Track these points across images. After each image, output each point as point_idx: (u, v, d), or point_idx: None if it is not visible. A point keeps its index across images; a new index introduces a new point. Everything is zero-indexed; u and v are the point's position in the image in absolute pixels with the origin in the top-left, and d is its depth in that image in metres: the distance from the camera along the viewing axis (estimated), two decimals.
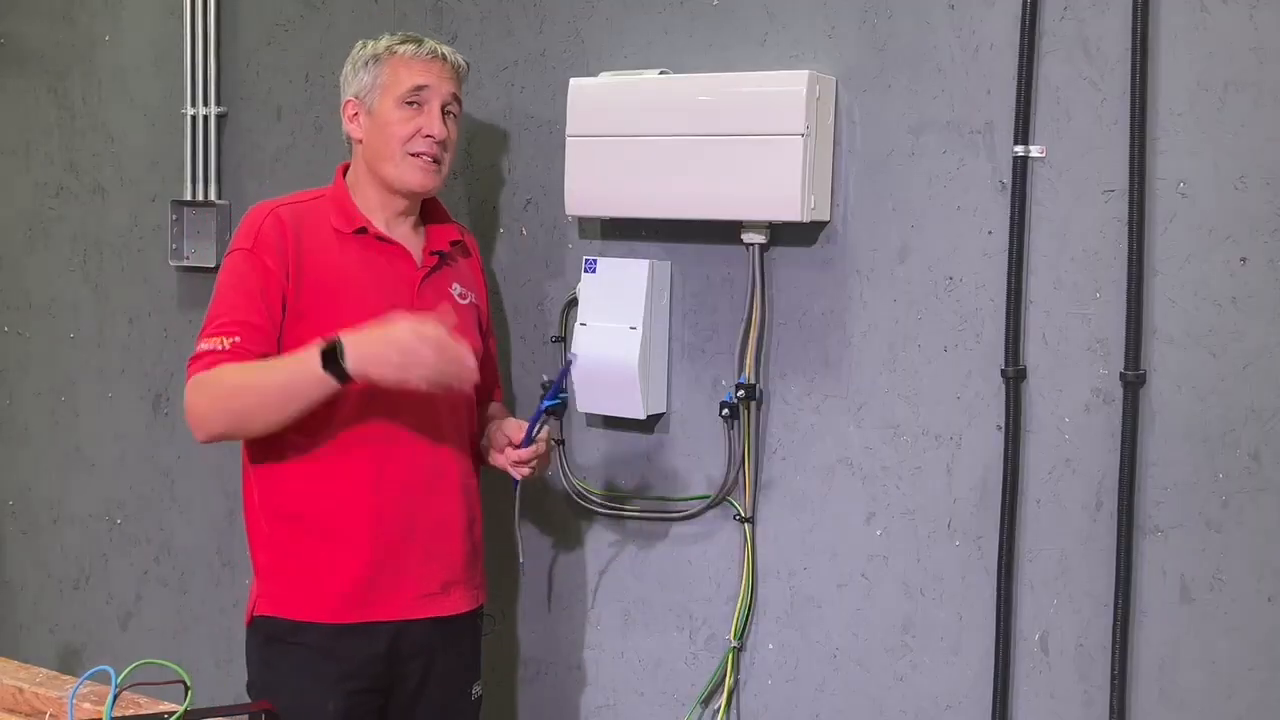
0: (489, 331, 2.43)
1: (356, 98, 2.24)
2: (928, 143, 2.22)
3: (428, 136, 2.20)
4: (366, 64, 2.23)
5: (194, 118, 3.03)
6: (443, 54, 2.24)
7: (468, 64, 2.33)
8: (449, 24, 2.68)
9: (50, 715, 1.78)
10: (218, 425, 2.11)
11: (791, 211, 2.22)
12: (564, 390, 2.27)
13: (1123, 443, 2.07)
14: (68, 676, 1.89)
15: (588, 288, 2.46)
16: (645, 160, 2.33)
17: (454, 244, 2.33)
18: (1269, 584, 2.00)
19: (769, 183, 2.22)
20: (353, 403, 2.11)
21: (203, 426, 2.11)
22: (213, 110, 3.02)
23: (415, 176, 2.21)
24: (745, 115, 2.25)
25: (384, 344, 2.00)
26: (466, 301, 2.31)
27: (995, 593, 2.18)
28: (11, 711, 1.83)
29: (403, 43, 2.23)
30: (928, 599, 2.26)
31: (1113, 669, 2.09)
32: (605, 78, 2.43)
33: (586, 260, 2.48)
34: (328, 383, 2.01)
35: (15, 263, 3.45)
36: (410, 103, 2.20)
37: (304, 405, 2.06)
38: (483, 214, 2.67)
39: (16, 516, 3.51)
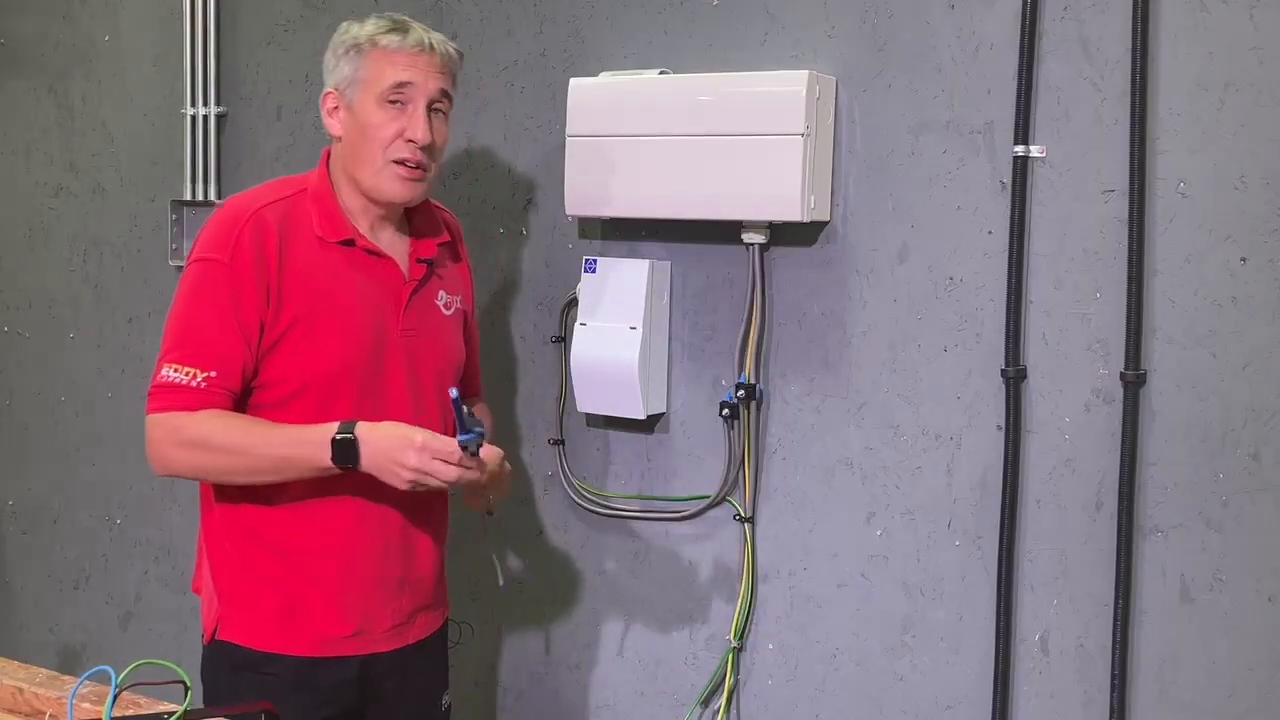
0: (472, 331, 2.29)
1: (336, 90, 2.02)
2: (928, 143, 2.22)
3: (410, 141, 1.99)
4: (348, 52, 2.01)
5: (194, 118, 3.03)
6: (430, 44, 2.01)
7: (460, 53, 2.09)
8: (449, 24, 2.68)
9: (50, 715, 1.77)
10: (184, 471, 2.00)
11: (792, 211, 2.22)
12: (468, 424, 1.89)
13: (1123, 443, 2.07)
14: (68, 676, 1.88)
15: (588, 288, 2.46)
16: (645, 160, 2.33)
17: (442, 246, 2.15)
18: (1269, 584, 2.00)
19: (769, 183, 2.22)
20: None
21: (166, 468, 1.98)
22: (212, 110, 3.02)
23: (394, 187, 2.01)
24: (745, 115, 2.25)
25: (398, 464, 1.89)
26: (451, 311, 2.16)
27: (995, 593, 2.18)
28: (11, 711, 1.82)
29: (388, 31, 1.99)
30: (928, 599, 2.26)
31: (1113, 669, 2.09)
32: (605, 78, 2.43)
33: (586, 260, 2.48)
34: (331, 470, 1.92)
35: (15, 263, 3.45)
36: (393, 101, 1.98)
37: (293, 478, 1.97)
38: (483, 214, 2.67)
39: (16, 516, 3.51)
